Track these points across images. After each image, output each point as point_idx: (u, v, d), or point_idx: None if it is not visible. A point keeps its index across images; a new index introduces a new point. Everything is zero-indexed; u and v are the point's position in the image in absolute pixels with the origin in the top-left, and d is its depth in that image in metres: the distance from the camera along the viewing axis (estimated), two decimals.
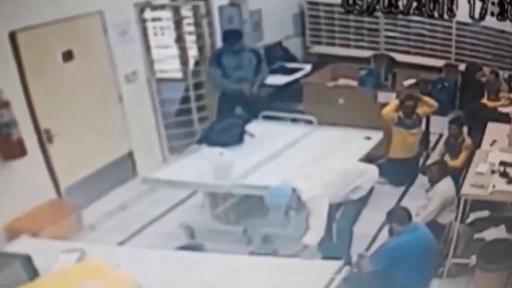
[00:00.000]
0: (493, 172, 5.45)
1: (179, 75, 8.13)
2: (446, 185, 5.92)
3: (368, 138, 6.71)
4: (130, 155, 7.20)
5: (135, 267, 3.93)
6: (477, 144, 6.39)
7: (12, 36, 5.68)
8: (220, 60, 7.72)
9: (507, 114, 7.19)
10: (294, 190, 4.94)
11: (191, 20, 8.28)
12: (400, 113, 7.21)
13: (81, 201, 6.32)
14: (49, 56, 6.12)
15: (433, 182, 5.98)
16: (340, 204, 5.28)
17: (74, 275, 3.83)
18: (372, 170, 5.51)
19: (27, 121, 5.90)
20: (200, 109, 8.05)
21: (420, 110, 7.32)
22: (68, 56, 6.29)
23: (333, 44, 10.43)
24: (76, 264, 3.98)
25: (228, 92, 7.78)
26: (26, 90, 5.89)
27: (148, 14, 7.60)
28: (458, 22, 9.51)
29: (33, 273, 3.82)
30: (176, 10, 8.17)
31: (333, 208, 5.18)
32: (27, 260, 3.84)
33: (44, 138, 6.10)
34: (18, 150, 5.67)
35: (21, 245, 4.34)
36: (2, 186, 5.62)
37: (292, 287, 3.87)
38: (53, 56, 6.17)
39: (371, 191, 5.43)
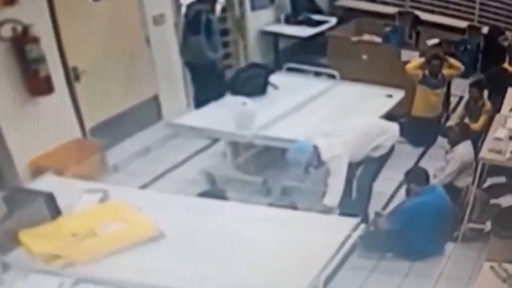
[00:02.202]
0: (511, 138, 5.29)
1: None
2: (465, 148, 5.78)
3: (390, 96, 6.52)
4: (156, 98, 7.08)
5: (157, 211, 3.86)
6: (497, 109, 6.19)
7: None
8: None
9: None
10: (315, 147, 4.78)
11: None
12: (426, 72, 7.00)
13: (105, 142, 6.23)
14: None
15: (453, 144, 5.83)
16: (360, 161, 5.13)
17: (95, 216, 3.77)
18: (393, 128, 5.34)
19: (56, 58, 5.77)
20: (226, 56, 7.80)
21: (446, 71, 7.10)
22: None
23: None
24: (99, 205, 3.92)
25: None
26: (56, 27, 5.75)
27: None
28: None
29: (56, 211, 3.76)
30: None
31: (353, 166, 5.05)
32: (50, 197, 3.77)
33: (71, 76, 5.99)
34: (45, 87, 5.56)
35: (45, 183, 4.24)
36: (29, 122, 5.55)
37: (308, 242, 3.73)
38: None
39: (392, 149, 5.28)
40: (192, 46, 6.73)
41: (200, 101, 6.63)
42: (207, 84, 6.69)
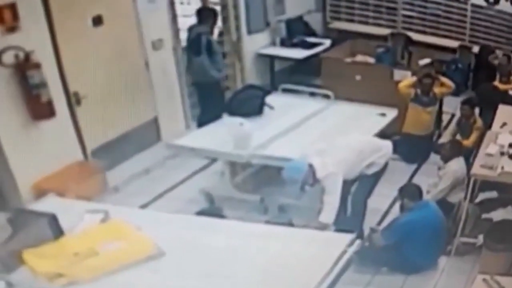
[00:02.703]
0: (502, 154, 5.32)
1: None
2: (457, 165, 5.81)
3: (383, 114, 6.58)
4: (155, 121, 7.12)
5: (156, 230, 3.90)
6: (488, 126, 6.24)
7: (45, 0, 5.58)
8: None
9: None
10: (310, 166, 4.83)
11: None
12: (418, 90, 7.07)
13: (106, 164, 6.28)
14: (80, 21, 6.02)
15: (446, 160, 5.87)
16: (355, 178, 5.18)
17: (97, 235, 3.82)
18: (387, 145, 5.39)
19: (57, 83, 5.82)
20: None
21: (438, 90, 7.17)
22: (98, 21, 6.19)
23: (352, 21, 10.25)
24: (100, 225, 3.96)
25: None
26: (57, 53, 5.80)
27: None
28: (473, 5, 9.35)
29: (58, 232, 3.80)
30: None
31: (348, 183, 5.09)
32: (53, 218, 3.81)
33: (72, 101, 6.03)
34: (47, 111, 5.60)
35: (48, 204, 4.30)
36: (31, 145, 5.58)
37: (305, 258, 3.77)
38: (84, 20, 6.07)
39: (385, 166, 5.32)
40: (196, 67, 6.84)
41: (203, 120, 6.70)
42: (211, 103, 6.76)
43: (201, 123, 6.74)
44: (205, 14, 7.01)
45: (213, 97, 6.77)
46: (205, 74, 6.81)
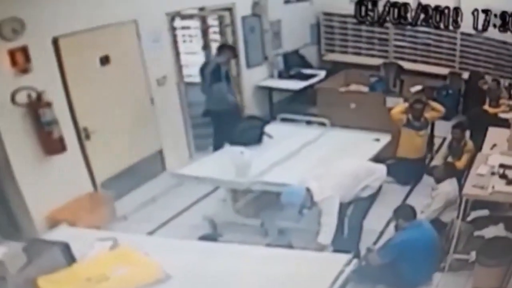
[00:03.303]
0: (493, 174, 5.39)
1: None
2: (450, 186, 5.89)
3: (377, 140, 6.67)
4: (160, 152, 7.21)
5: (163, 255, 3.94)
6: (479, 148, 6.31)
7: (55, 42, 5.70)
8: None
9: (507, 120, 7.08)
10: (308, 190, 4.91)
11: (216, 29, 8.33)
12: (409, 115, 7.17)
13: (115, 194, 6.35)
14: (88, 60, 6.13)
15: (439, 181, 5.94)
16: (350, 201, 5.23)
17: (107, 261, 3.88)
18: (381, 169, 5.46)
19: (67, 119, 5.92)
20: None
21: (429, 114, 7.27)
22: (105, 60, 6.30)
23: (346, 52, 10.44)
24: (110, 251, 4.01)
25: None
26: (67, 92, 5.90)
27: (178, 23, 7.64)
28: (463, 33, 9.46)
29: (71, 259, 3.86)
30: (203, 20, 8.23)
31: (344, 206, 5.14)
32: (66, 247, 3.87)
33: (82, 136, 6.13)
34: (58, 146, 5.69)
35: (60, 233, 4.35)
36: (44, 179, 5.66)
37: (305, 278, 3.82)
38: (92, 60, 6.18)
39: (379, 188, 5.39)
40: (215, 93, 7.09)
41: (218, 145, 6.97)
42: (228, 128, 6.89)
43: (216, 147, 7.00)
44: (224, 49, 7.42)
45: (230, 122, 6.94)
46: (223, 99, 7.13)
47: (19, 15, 5.23)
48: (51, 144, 5.62)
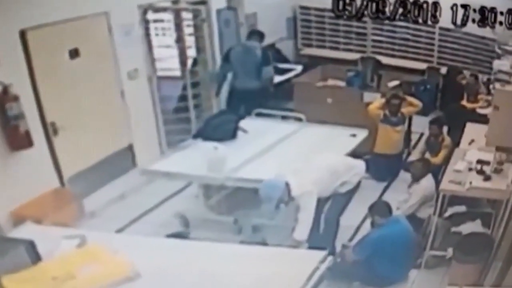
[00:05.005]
0: (470, 169, 5.46)
1: (178, 73, 8.11)
2: (427, 182, 5.93)
3: (354, 135, 6.71)
4: (130, 148, 7.17)
5: (132, 253, 3.90)
6: (456, 143, 6.39)
7: (23, 34, 5.64)
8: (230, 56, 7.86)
9: (485, 115, 7.13)
10: (287, 184, 4.91)
11: (190, 22, 8.25)
12: (386, 111, 7.23)
13: (82, 190, 6.30)
14: (57, 54, 6.10)
15: (415, 178, 5.99)
16: (328, 197, 5.26)
17: (74, 259, 3.84)
18: (359, 165, 5.50)
19: (34, 114, 5.87)
20: (197, 106, 8.00)
21: (405, 109, 7.35)
22: (74, 53, 6.26)
23: (323, 47, 10.51)
24: (77, 249, 3.98)
25: (237, 89, 7.87)
26: (34, 85, 5.86)
27: (151, 15, 7.56)
28: (441, 28, 9.58)
29: (36, 258, 3.80)
30: (177, 13, 8.15)
31: (322, 201, 5.17)
32: (31, 245, 3.81)
33: (49, 131, 6.08)
34: (25, 142, 5.64)
35: (26, 231, 4.29)
36: (9, 175, 5.59)
37: (278, 275, 3.82)
38: (61, 53, 6.14)
39: (358, 184, 5.42)
40: (265, 74, 7.80)
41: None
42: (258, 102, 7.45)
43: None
44: (257, 34, 8.03)
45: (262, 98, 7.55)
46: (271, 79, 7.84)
47: None
48: (17, 139, 5.57)
